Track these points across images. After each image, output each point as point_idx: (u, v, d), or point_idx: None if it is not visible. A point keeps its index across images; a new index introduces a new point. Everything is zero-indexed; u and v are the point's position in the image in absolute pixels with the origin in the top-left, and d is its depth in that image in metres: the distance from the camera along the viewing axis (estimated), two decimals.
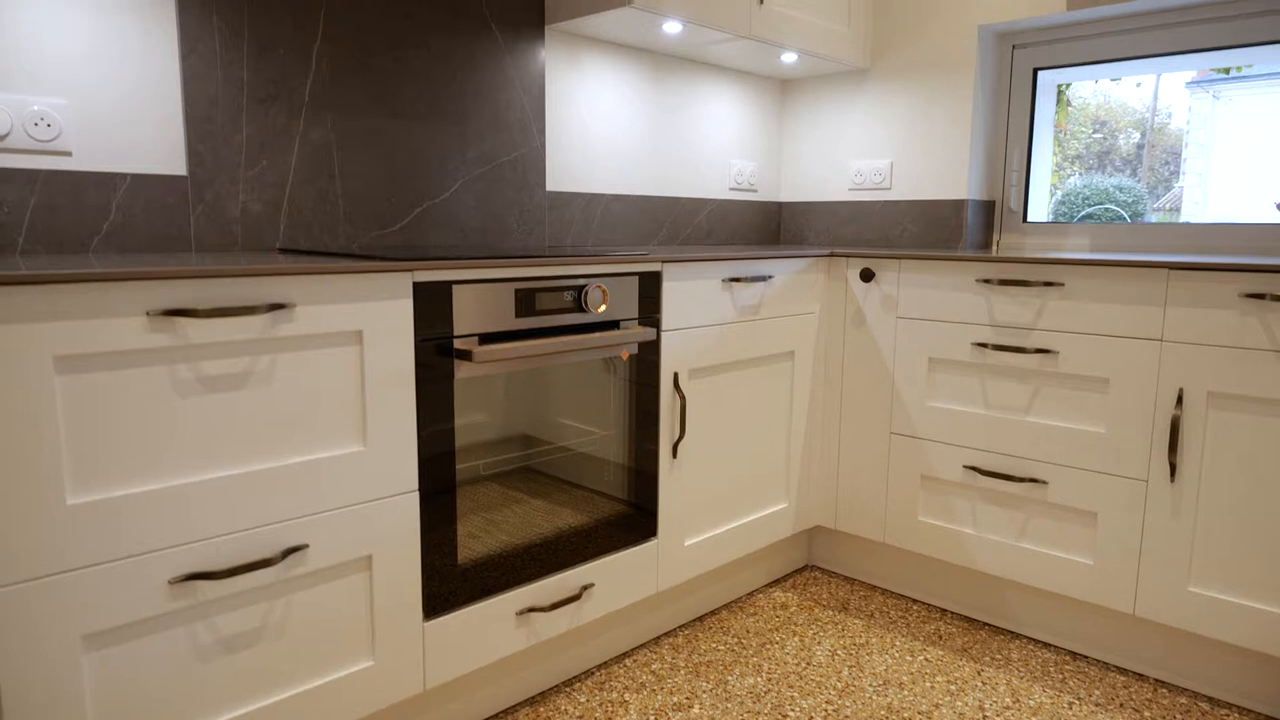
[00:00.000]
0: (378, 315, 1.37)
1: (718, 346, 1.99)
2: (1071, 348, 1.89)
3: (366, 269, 1.34)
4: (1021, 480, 1.97)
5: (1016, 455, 1.99)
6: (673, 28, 2.22)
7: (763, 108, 2.93)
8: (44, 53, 1.49)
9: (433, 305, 1.45)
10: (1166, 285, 1.75)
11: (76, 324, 1.08)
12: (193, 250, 1.69)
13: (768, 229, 3.01)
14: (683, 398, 1.89)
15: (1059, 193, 3.00)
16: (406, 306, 1.41)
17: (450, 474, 1.50)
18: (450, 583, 1.53)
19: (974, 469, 2.05)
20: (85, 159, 1.55)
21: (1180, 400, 1.75)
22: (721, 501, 2.07)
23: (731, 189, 2.85)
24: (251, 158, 1.75)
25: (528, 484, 1.66)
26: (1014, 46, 2.62)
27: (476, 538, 1.56)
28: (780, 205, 3.04)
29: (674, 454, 1.91)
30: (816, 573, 2.44)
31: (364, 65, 1.90)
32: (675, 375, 1.89)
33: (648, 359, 1.83)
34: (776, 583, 2.36)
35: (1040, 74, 2.61)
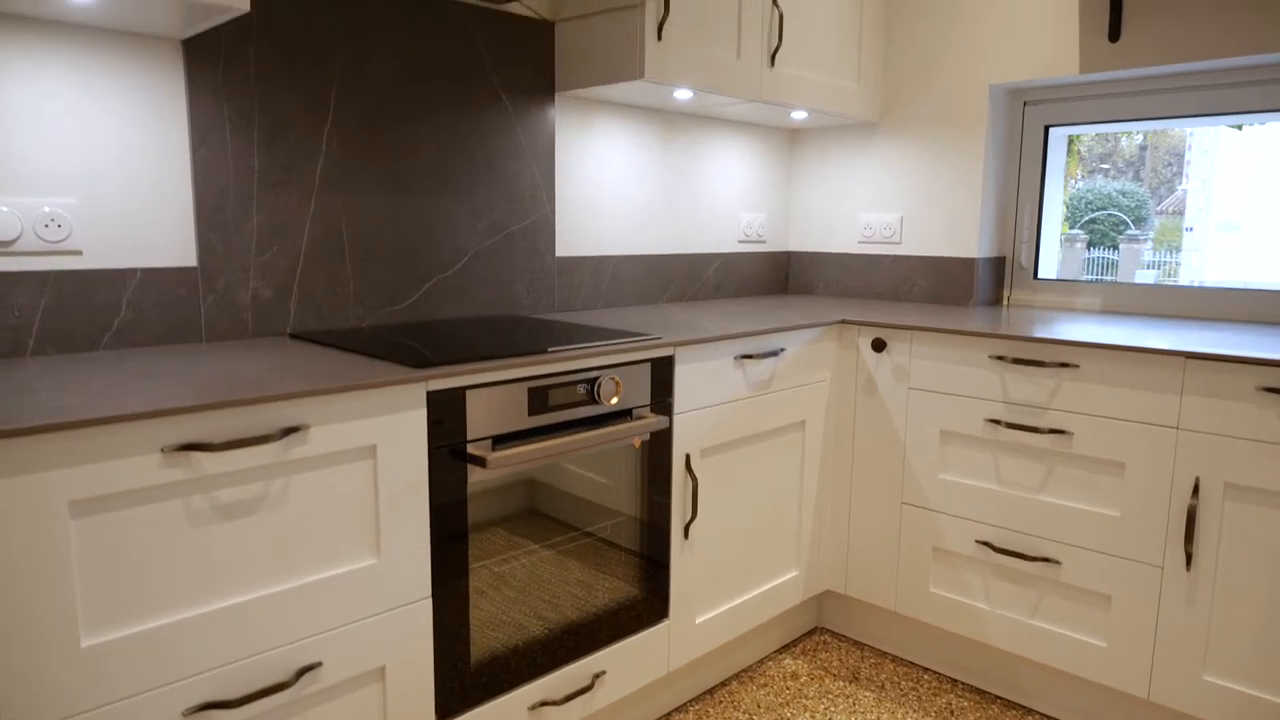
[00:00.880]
0: (391, 428, 1.36)
1: (729, 424, 1.97)
2: (1086, 429, 1.88)
3: (380, 383, 1.33)
4: (1034, 559, 1.96)
5: (1030, 533, 1.98)
6: (684, 94, 2.20)
7: (771, 158, 2.91)
8: (55, 152, 1.48)
9: (446, 412, 1.44)
10: (1183, 374, 1.74)
11: (92, 467, 1.07)
12: (203, 340, 1.68)
13: (776, 279, 3.00)
14: (695, 479, 1.87)
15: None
16: (420, 416, 1.40)
17: (463, 577, 1.49)
18: (463, 683, 1.52)
19: (986, 544, 2.04)
20: (96, 257, 1.54)
21: (1196, 490, 1.73)
22: (732, 575, 2.06)
23: (740, 241, 2.84)
24: (262, 244, 1.74)
25: (538, 568, 1.65)
26: (1025, 103, 2.61)
27: (488, 633, 1.55)
28: (789, 254, 3.03)
29: (685, 535, 1.90)
30: (827, 636, 2.43)
31: (375, 143, 1.89)
32: (687, 457, 1.88)
33: (660, 442, 1.82)
34: (786, 648, 2.35)
35: (1051, 129, 2.59)
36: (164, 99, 1.59)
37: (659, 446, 1.82)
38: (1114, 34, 2.26)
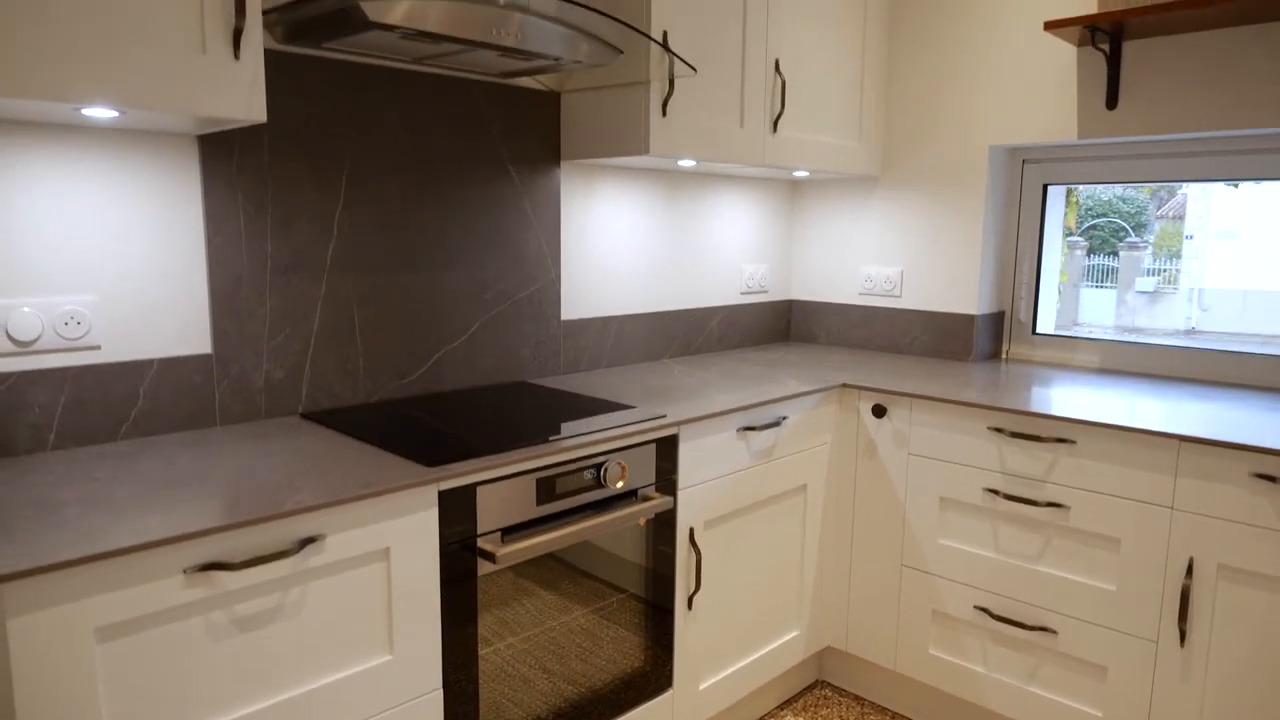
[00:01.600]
0: (405, 530, 1.39)
1: (732, 495, 2.01)
2: (1083, 504, 1.91)
3: (395, 488, 1.36)
4: (1032, 628, 2.00)
5: (1027, 602, 2.01)
6: (688, 163, 2.24)
7: (773, 211, 2.95)
8: (74, 251, 1.52)
9: (457, 509, 1.47)
10: (1177, 456, 1.78)
11: (117, 594, 1.10)
12: (217, 423, 1.72)
13: (778, 327, 3.03)
14: (698, 552, 1.91)
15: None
16: (432, 516, 1.43)
17: (473, 665, 1.53)
18: None
19: (984, 610, 2.07)
20: (114, 351, 1.58)
21: (1190, 570, 1.77)
22: (735, 639, 2.10)
23: (743, 293, 2.88)
24: (275, 328, 1.77)
25: (545, 647, 1.68)
26: (1025, 161, 2.64)
27: (498, 714, 1.59)
28: (791, 303, 3.06)
29: (689, 606, 1.94)
30: (827, 690, 2.46)
31: (385, 223, 1.92)
32: (691, 530, 1.91)
33: (664, 518, 1.86)
34: (788, 703, 2.39)
35: (1050, 187, 2.63)
36: (180, 191, 1.63)
37: (663, 522, 1.86)
38: (1111, 102, 2.29)
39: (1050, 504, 1.95)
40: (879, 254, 2.83)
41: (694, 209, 2.67)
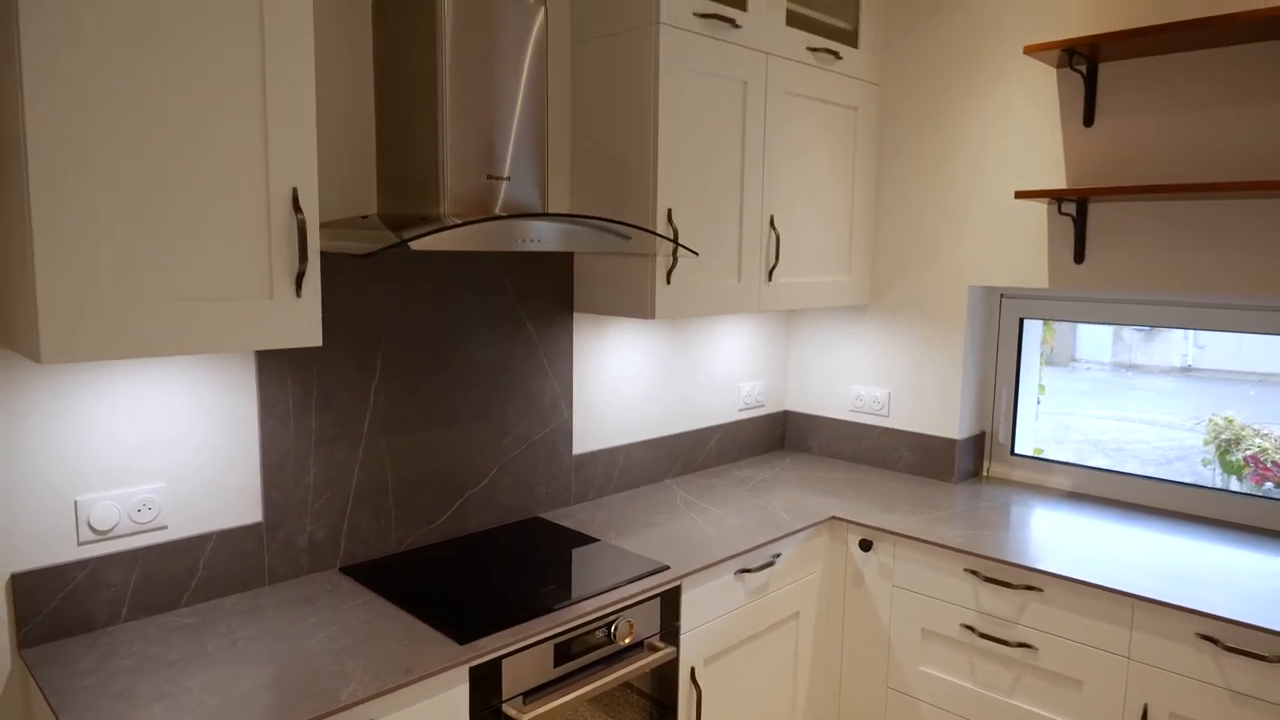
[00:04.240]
0: (440, 705, 1.58)
1: (730, 631, 2.19)
2: (1050, 647, 2.10)
3: (434, 671, 1.55)
4: None
5: None
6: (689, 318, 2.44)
7: (770, 334, 3.15)
8: (145, 444, 1.71)
9: (486, 681, 1.66)
10: (1132, 612, 1.96)
11: None
12: (265, 582, 1.91)
13: (774, 437, 3.22)
14: (699, 689, 2.09)
15: None
16: (464, 691, 1.62)
17: None
18: None
19: None
20: (179, 529, 1.77)
21: (1145, 715, 1.95)
22: None
23: (740, 410, 3.07)
24: (318, 492, 1.97)
25: None
26: (1002, 296, 2.85)
27: None
28: (786, 414, 3.26)
29: None
30: None
31: (415, 390, 2.12)
32: (692, 669, 2.10)
33: (666, 662, 2.04)
34: None
35: (1026, 320, 2.83)
36: (238, 384, 1.83)
37: (666, 666, 2.04)
38: (1079, 257, 2.50)
39: (1020, 644, 2.13)
40: (869, 375, 3.03)
41: (695, 340, 2.87)
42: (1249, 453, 2.64)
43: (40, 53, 1.24)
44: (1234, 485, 2.63)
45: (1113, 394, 3.20)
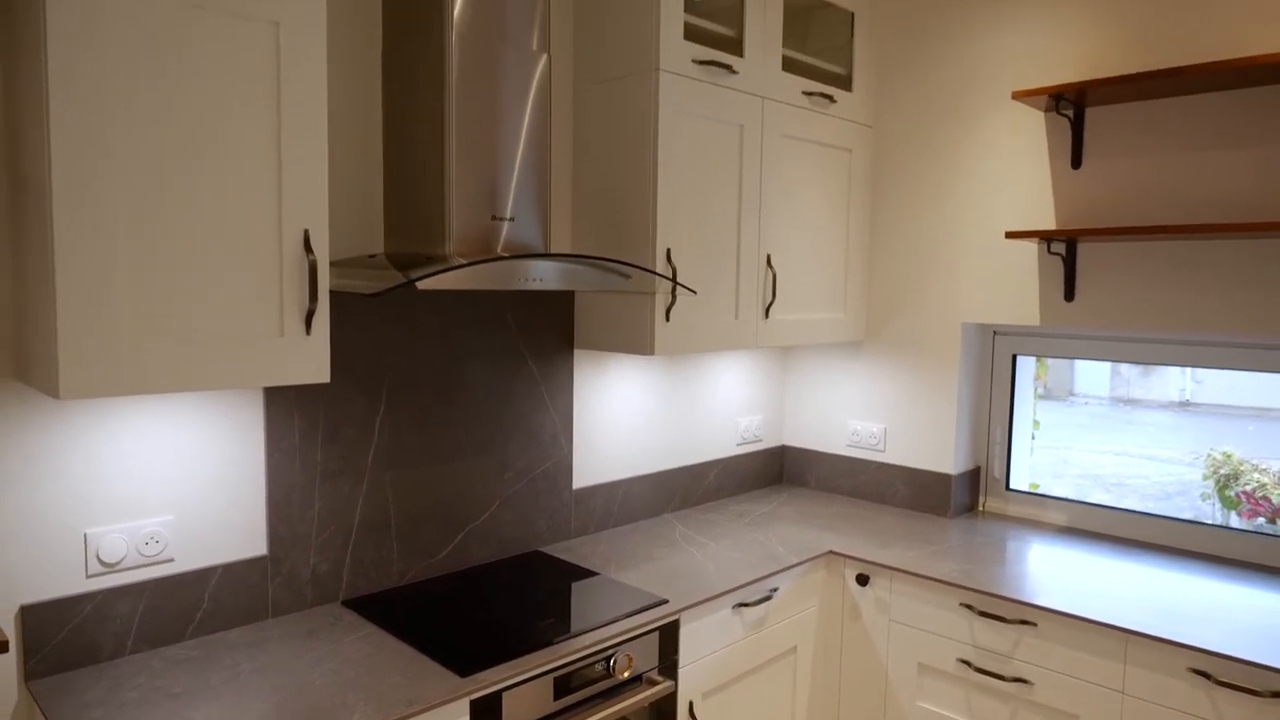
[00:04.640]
0: None
1: (728, 665, 2.21)
2: (1045, 682, 2.11)
3: (436, 704, 1.57)
4: None
5: None
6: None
7: (767, 370, 3.20)
8: (154, 478, 1.75)
9: (486, 714, 1.68)
10: (1126, 646, 1.99)
11: None
12: (269, 615, 1.93)
13: (771, 471, 3.26)
14: None
15: None
16: None
17: None
18: None
19: None
20: (185, 562, 1.80)
21: None
22: None
23: (738, 445, 3.11)
24: (322, 525, 2.00)
25: None
26: (995, 333, 2.90)
27: None
28: (783, 448, 3.29)
29: None
30: None
31: (419, 424, 2.16)
32: (691, 704, 2.11)
33: (665, 695, 2.06)
34: None
35: (1019, 356, 2.88)
36: (246, 419, 1.87)
37: (665, 699, 2.05)
38: (1069, 295, 2.55)
39: (1016, 679, 2.15)
40: (865, 410, 3.07)
41: (694, 376, 2.92)
42: (1244, 488, 2.67)
43: (68, 115, 1.30)
44: (1234, 520, 2.66)
45: (1112, 428, 3.23)
